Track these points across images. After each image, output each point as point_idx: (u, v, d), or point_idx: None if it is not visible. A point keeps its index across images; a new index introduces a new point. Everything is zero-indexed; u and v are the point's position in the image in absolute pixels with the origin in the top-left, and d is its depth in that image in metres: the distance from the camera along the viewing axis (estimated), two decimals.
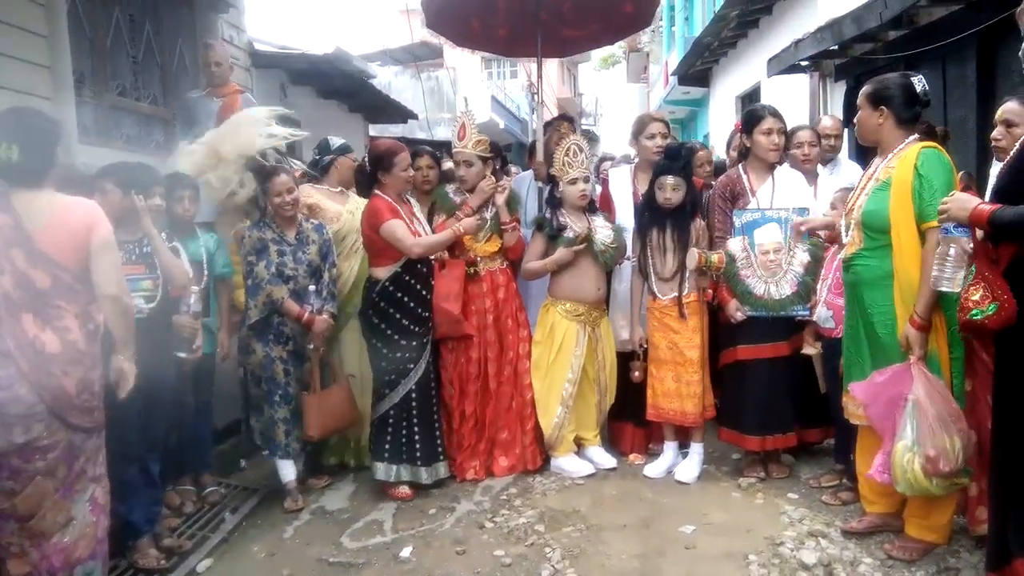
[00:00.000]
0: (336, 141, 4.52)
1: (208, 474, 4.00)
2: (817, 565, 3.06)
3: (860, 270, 3.17)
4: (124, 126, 5.10)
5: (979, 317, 2.61)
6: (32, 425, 2.49)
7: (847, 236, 3.26)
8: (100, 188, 3.23)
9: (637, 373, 4.15)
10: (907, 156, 3.04)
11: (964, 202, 2.66)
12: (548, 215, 4.21)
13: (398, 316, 3.91)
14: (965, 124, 5.54)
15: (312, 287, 3.93)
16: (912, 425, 2.87)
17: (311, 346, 3.94)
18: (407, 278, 3.93)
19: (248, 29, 6.95)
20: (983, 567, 2.85)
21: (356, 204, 4.33)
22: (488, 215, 4.26)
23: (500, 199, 4.23)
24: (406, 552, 3.34)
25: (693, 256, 3.88)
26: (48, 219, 2.56)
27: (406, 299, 3.92)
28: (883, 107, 3.11)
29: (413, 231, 3.92)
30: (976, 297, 2.67)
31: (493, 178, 4.30)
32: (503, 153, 4.41)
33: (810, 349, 3.85)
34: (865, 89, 3.19)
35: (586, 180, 4.16)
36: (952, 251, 2.67)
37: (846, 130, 4.85)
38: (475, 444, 4.20)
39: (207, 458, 4.04)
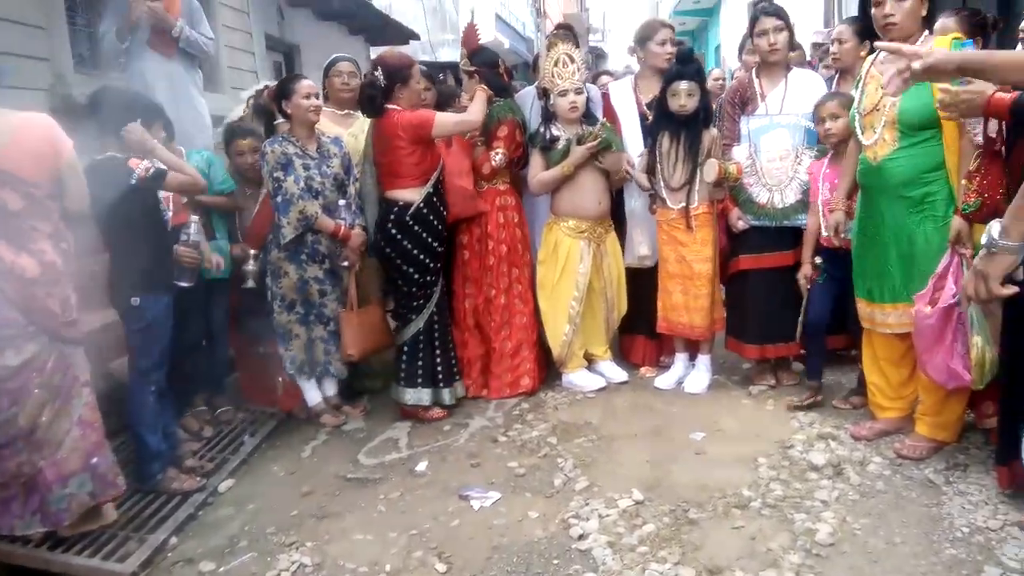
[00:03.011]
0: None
1: (222, 396, 4.06)
2: (827, 465, 3.10)
3: (896, 170, 3.05)
4: (121, 54, 5.00)
5: (967, 211, 2.63)
6: (24, 345, 2.57)
7: (869, 137, 3.13)
8: (149, 129, 3.21)
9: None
10: (940, 48, 2.93)
11: (981, 87, 2.56)
12: (541, 128, 4.13)
13: (428, 238, 3.85)
14: None
15: (341, 201, 3.81)
16: (979, 319, 2.75)
17: (345, 263, 3.85)
18: (435, 199, 3.87)
19: None
20: (992, 462, 2.89)
21: (361, 126, 4.18)
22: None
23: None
24: (422, 466, 3.41)
25: (713, 167, 3.76)
26: (10, 138, 2.55)
27: (434, 220, 3.86)
28: None
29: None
30: (970, 191, 2.64)
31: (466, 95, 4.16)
32: (495, 66, 4.19)
33: (805, 278, 3.67)
34: None
35: (578, 92, 4.02)
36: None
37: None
38: (478, 362, 4.22)
39: (222, 381, 4.10)
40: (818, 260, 3.61)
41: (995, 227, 1.73)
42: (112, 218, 3.01)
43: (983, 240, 1.75)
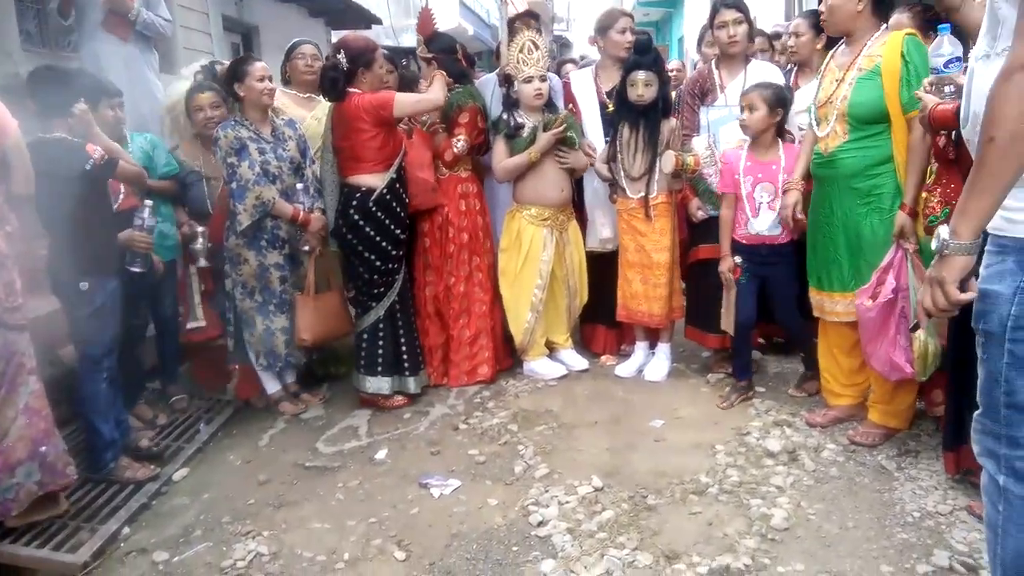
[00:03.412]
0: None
1: (175, 384, 3.99)
2: (782, 452, 3.15)
3: (846, 162, 3.11)
4: (71, 32, 4.85)
5: (935, 223, 2.65)
6: None
7: (823, 129, 3.19)
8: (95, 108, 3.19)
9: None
10: (892, 43, 2.98)
11: (925, 100, 2.61)
12: (504, 115, 4.11)
13: (391, 225, 3.80)
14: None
15: (299, 185, 3.74)
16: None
17: (306, 248, 3.80)
18: (398, 185, 3.82)
19: None
20: (941, 448, 2.95)
21: (323, 109, 4.09)
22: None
23: None
24: (381, 454, 3.38)
25: (670, 159, 3.76)
26: None
27: (396, 206, 3.82)
28: None
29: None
30: (933, 202, 2.68)
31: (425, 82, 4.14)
32: (452, 52, 4.15)
33: (728, 270, 3.64)
34: None
35: (542, 79, 4.02)
36: None
37: None
38: (438, 350, 4.20)
39: (174, 371, 4.01)
40: (738, 259, 3.62)
41: (944, 230, 1.65)
42: (60, 201, 2.92)
43: (933, 246, 1.70)
